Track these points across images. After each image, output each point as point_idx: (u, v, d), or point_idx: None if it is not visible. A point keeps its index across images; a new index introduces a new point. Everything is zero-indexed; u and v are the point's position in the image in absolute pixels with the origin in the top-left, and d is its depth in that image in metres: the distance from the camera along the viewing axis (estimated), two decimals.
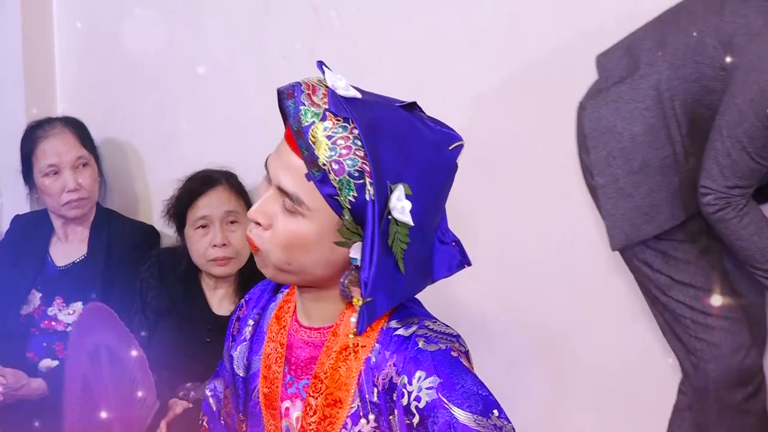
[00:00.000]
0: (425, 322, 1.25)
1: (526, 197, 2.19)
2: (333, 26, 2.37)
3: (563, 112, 2.06)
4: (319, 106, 1.16)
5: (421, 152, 1.19)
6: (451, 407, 1.16)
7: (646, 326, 2.05)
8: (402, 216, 1.16)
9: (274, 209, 1.21)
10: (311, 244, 1.19)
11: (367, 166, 1.14)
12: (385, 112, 1.20)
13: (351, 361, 1.24)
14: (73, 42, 2.93)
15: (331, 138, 1.15)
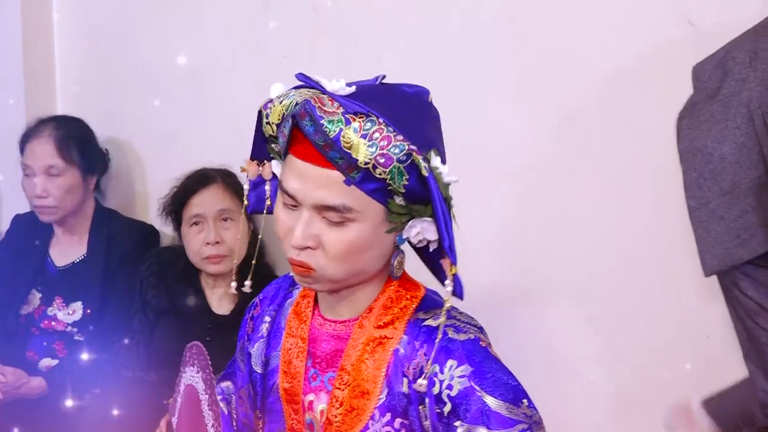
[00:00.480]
0: (452, 312, 1.28)
1: (500, 202, 2.19)
2: (333, 26, 2.37)
3: (566, 114, 2.07)
4: (335, 113, 1.17)
5: (423, 113, 1.23)
6: (483, 395, 1.19)
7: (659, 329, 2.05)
8: (450, 177, 1.21)
9: (317, 228, 1.21)
10: (368, 243, 1.21)
11: (413, 146, 1.16)
12: (384, 94, 1.22)
13: (378, 353, 1.26)
14: (74, 42, 2.93)
15: (366, 136, 1.16)
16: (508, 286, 2.21)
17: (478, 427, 1.18)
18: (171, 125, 2.73)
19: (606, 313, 2.10)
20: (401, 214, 1.21)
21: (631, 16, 1.99)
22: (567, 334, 2.15)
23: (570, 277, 2.12)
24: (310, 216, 1.21)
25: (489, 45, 2.16)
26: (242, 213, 2.33)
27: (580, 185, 2.09)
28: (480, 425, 1.18)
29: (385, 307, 1.28)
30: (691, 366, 2.01)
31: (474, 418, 1.18)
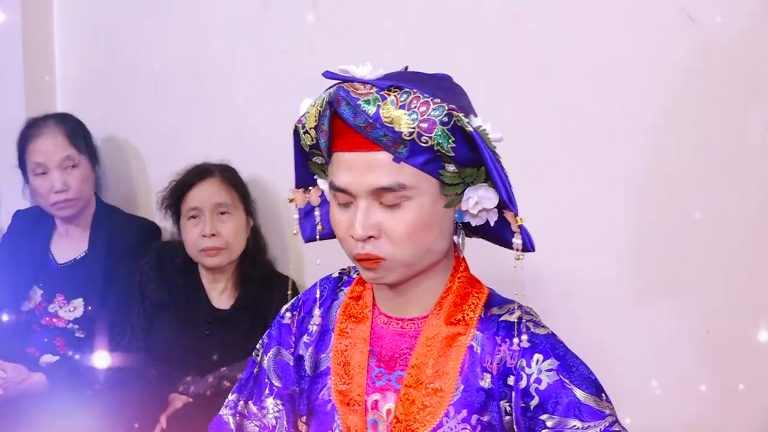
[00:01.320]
0: (524, 308, 1.30)
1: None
2: (333, 22, 2.37)
3: (567, 114, 2.07)
4: (370, 92, 1.18)
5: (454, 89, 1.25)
6: (573, 387, 1.21)
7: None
8: (495, 134, 1.22)
9: (375, 216, 1.21)
10: (429, 219, 1.21)
11: (452, 105, 1.17)
12: (413, 74, 1.25)
13: (453, 350, 1.26)
14: (74, 39, 2.93)
15: (404, 106, 1.17)
16: (508, 283, 2.21)
17: (570, 420, 1.20)
18: (171, 122, 2.73)
19: (608, 313, 2.10)
20: (455, 185, 1.21)
21: (631, 13, 1.99)
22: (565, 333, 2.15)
23: (569, 274, 2.13)
24: (367, 205, 1.20)
25: (489, 43, 2.16)
26: (241, 206, 2.37)
27: (581, 184, 2.09)
28: (572, 417, 1.20)
29: (455, 304, 1.29)
30: (692, 362, 2.01)
31: (566, 410, 1.20)
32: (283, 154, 2.49)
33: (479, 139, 1.18)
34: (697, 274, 1.98)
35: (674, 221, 1.99)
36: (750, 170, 1.90)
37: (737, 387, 1.96)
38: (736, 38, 1.88)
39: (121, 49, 2.81)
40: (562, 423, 1.20)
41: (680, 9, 1.93)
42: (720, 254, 1.95)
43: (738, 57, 1.88)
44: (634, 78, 2.00)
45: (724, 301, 1.96)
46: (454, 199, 1.22)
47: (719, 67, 1.90)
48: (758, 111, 1.87)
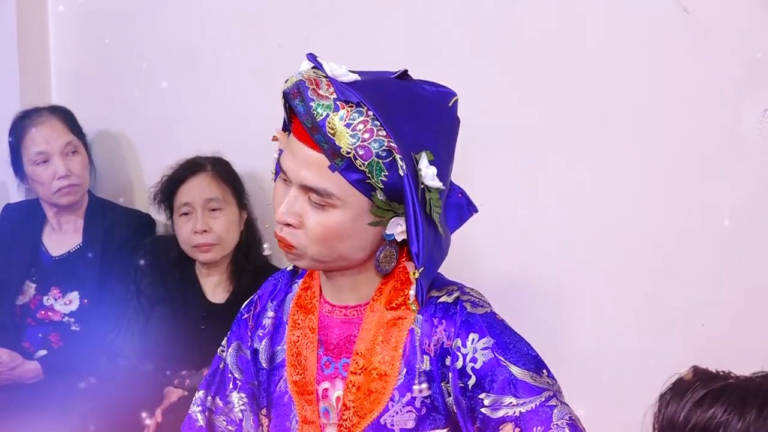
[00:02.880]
0: (464, 288, 1.30)
1: (510, 189, 2.18)
2: (330, 14, 2.36)
3: (564, 104, 2.06)
4: (327, 97, 1.17)
5: (430, 115, 1.22)
6: (508, 365, 1.21)
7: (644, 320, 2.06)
8: (434, 182, 1.18)
9: (301, 207, 1.21)
10: (347, 231, 1.21)
11: (393, 144, 1.15)
12: (389, 87, 1.21)
13: (393, 334, 1.26)
14: (68, 31, 2.91)
15: (350, 125, 1.15)
16: (508, 279, 2.21)
17: (505, 397, 1.20)
18: (167, 114, 2.72)
19: (604, 309, 2.10)
20: (384, 210, 1.20)
21: (627, 5, 1.99)
22: (562, 330, 2.16)
23: (571, 270, 2.12)
24: (296, 195, 1.22)
25: (487, 35, 2.15)
26: (234, 200, 2.36)
27: (575, 176, 2.09)
28: (508, 395, 1.20)
29: (395, 288, 1.28)
30: (689, 354, 2.01)
31: (501, 388, 1.20)
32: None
33: (408, 185, 1.16)
34: (693, 266, 1.98)
35: (670, 212, 1.99)
36: (746, 160, 1.90)
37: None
38: (731, 29, 1.88)
39: (117, 41, 2.80)
40: (498, 401, 1.20)
41: (675, 1, 1.92)
42: (716, 245, 1.95)
43: (733, 48, 1.88)
44: (630, 70, 2.00)
45: (721, 294, 1.96)
46: (381, 221, 1.21)
47: (714, 57, 1.90)
48: (754, 101, 1.87)
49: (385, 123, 1.15)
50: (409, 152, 1.17)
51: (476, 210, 1.33)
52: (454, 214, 1.30)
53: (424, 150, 1.18)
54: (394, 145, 1.15)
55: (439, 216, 1.21)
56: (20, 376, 2.39)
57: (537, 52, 2.09)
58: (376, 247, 1.25)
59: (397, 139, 1.15)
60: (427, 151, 1.19)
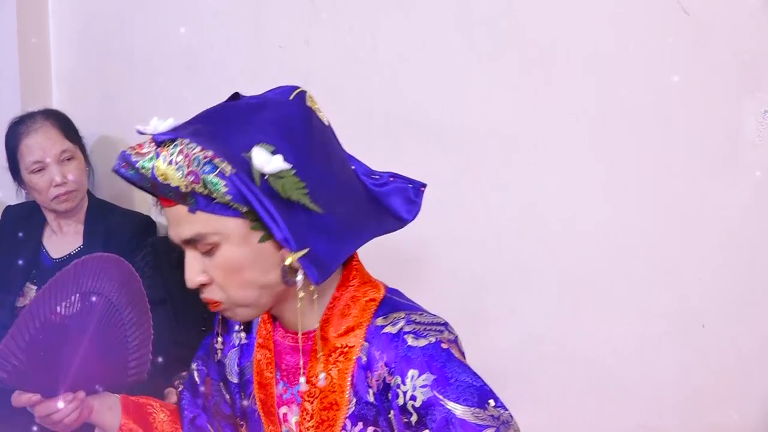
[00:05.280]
0: (411, 315, 1.23)
1: (503, 193, 2.19)
2: (328, 15, 2.37)
3: (563, 104, 2.06)
4: (150, 151, 1.15)
5: (263, 116, 1.18)
6: (446, 403, 1.16)
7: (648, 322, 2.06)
8: (274, 166, 1.12)
9: (200, 263, 1.20)
10: (245, 260, 1.18)
11: (209, 152, 1.11)
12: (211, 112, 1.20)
13: (341, 363, 1.23)
14: (69, 35, 2.92)
15: (171, 161, 1.13)
16: (506, 277, 2.22)
17: None
18: (167, 115, 2.70)
19: (604, 307, 2.10)
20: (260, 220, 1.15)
21: (626, 6, 1.99)
22: (562, 331, 2.16)
23: (571, 271, 2.13)
24: (190, 255, 1.20)
25: (485, 34, 2.16)
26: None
27: (574, 176, 2.09)
28: None
29: (342, 314, 1.25)
30: (688, 356, 2.01)
31: (439, 428, 1.16)
32: None
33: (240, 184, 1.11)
34: (692, 267, 1.99)
35: (670, 213, 1.99)
36: (745, 162, 1.90)
37: (732, 381, 1.97)
38: (731, 31, 1.88)
39: (117, 43, 2.81)
40: None
41: (675, 1, 1.93)
42: (715, 247, 1.96)
43: (732, 49, 1.89)
44: (630, 70, 2.00)
45: (720, 295, 1.96)
46: (265, 233, 1.17)
47: (714, 58, 1.90)
48: (753, 102, 1.87)
49: (197, 138, 1.13)
50: (239, 154, 1.13)
51: (423, 184, 1.30)
52: (399, 199, 1.28)
53: (255, 146, 1.14)
54: (211, 153, 1.11)
55: (306, 195, 1.14)
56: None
57: (536, 52, 2.09)
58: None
59: (213, 145, 1.12)
60: (261, 144, 1.14)
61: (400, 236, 2.33)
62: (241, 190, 1.11)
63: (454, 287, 2.27)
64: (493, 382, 2.29)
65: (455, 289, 2.27)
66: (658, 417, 2.05)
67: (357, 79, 2.33)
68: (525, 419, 2.16)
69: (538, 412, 2.18)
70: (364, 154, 2.34)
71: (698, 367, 2.00)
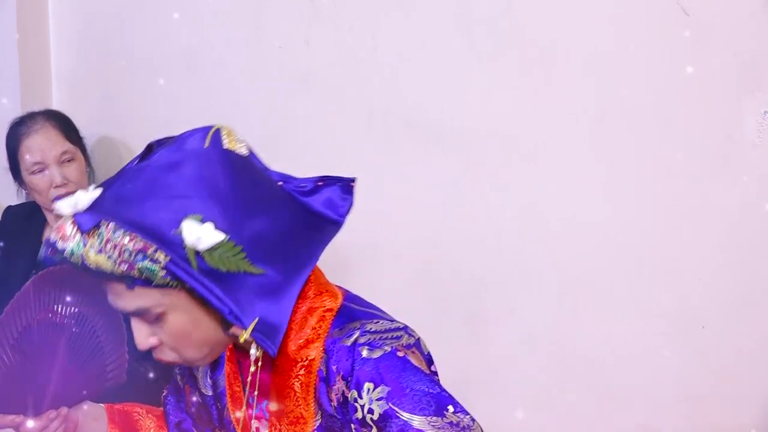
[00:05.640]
0: (367, 325, 1.21)
1: (509, 192, 2.18)
2: (328, 15, 2.37)
3: (563, 105, 2.06)
4: (74, 236, 1.10)
5: (179, 177, 1.13)
6: (402, 414, 1.14)
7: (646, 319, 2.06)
8: (207, 242, 1.10)
9: (147, 329, 1.18)
10: (193, 324, 1.16)
11: (139, 242, 1.08)
12: (126, 184, 1.14)
13: (303, 377, 1.22)
14: (69, 35, 2.92)
15: (101, 250, 1.09)
16: (506, 277, 2.22)
17: None
18: (167, 116, 2.72)
19: (604, 307, 2.10)
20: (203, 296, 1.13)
21: (626, 6, 1.99)
22: (562, 332, 2.16)
23: (571, 271, 2.12)
24: (136, 323, 1.18)
25: (485, 34, 2.16)
26: None
27: (573, 177, 2.09)
28: None
29: (300, 327, 1.23)
30: (688, 356, 2.01)
31: None
32: (280, 148, 2.50)
33: (178, 271, 1.09)
34: (692, 267, 1.99)
35: (670, 213, 1.99)
36: (745, 162, 1.90)
37: (732, 381, 1.97)
38: (731, 31, 1.88)
39: (117, 44, 2.81)
40: None
41: (675, 2, 1.93)
42: (715, 247, 1.96)
43: (732, 49, 1.88)
44: (629, 71, 2.00)
45: (720, 295, 1.96)
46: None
47: (714, 60, 1.90)
48: (754, 103, 1.87)
49: (128, 226, 1.09)
50: (169, 233, 1.09)
51: (352, 180, 1.26)
52: (330, 203, 1.24)
53: (184, 219, 1.10)
54: (141, 243, 1.08)
55: (246, 261, 1.12)
56: None
57: (536, 52, 2.09)
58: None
59: (147, 234, 1.08)
60: (189, 217, 1.10)
61: (400, 236, 2.33)
62: (178, 275, 1.09)
63: (455, 287, 2.27)
64: (493, 381, 2.31)
65: (455, 289, 2.27)
66: (658, 417, 2.05)
67: (357, 79, 2.33)
68: (525, 419, 2.18)
69: (538, 412, 2.18)
70: (364, 154, 2.35)
71: (698, 368, 2.00)
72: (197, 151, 1.16)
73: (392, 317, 1.26)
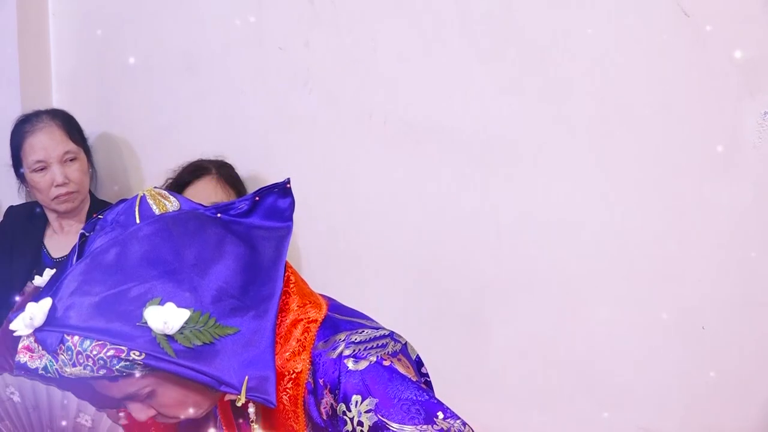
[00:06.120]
0: (351, 336, 1.21)
1: (510, 195, 2.18)
2: (328, 16, 2.37)
3: (563, 105, 2.06)
4: (43, 355, 1.09)
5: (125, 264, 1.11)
6: (392, 425, 1.14)
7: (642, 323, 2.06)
8: (174, 324, 1.08)
9: (141, 406, 1.17)
10: (184, 393, 1.16)
11: (110, 350, 1.07)
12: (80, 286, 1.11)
13: (291, 389, 1.21)
14: (69, 35, 2.92)
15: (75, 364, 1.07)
16: (506, 279, 2.22)
17: None
18: (167, 117, 2.73)
19: (604, 309, 2.10)
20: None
21: (627, 8, 1.99)
22: (562, 332, 2.16)
23: (571, 271, 2.12)
24: (130, 403, 1.18)
25: (485, 36, 2.15)
26: None
27: (574, 177, 2.09)
28: None
29: (285, 339, 1.22)
30: (688, 357, 2.01)
31: None
32: (280, 150, 2.51)
33: (153, 362, 1.07)
34: (693, 268, 1.99)
35: (669, 214, 1.99)
36: (745, 163, 1.90)
37: (733, 382, 1.97)
38: (731, 32, 1.88)
39: (117, 44, 2.81)
40: None
41: (675, 3, 1.92)
42: (715, 247, 1.96)
43: (732, 50, 1.88)
44: (629, 72, 1.99)
45: (720, 295, 1.96)
46: None
47: (714, 60, 1.90)
48: (754, 104, 1.87)
49: (92, 334, 1.07)
50: (135, 328, 1.07)
51: (287, 181, 1.25)
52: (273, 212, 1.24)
53: (144, 308, 1.08)
54: (112, 350, 1.07)
55: (218, 326, 1.11)
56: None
57: (536, 54, 2.09)
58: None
59: (113, 338, 1.07)
60: (149, 305, 1.08)
61: (399, 238, 2.34)
62: (158, 367, 1.08)
63: (454, 289, 2.27)
64: (493, 383, 2.30)
65: (455, 292, 2.27)
66: (658, 418, 2.05)
67: (357, 80, 2.33)
68: (524, 420, 2.18)
69: (538, 414, 2.18)
70: (364, 155, 2.36)
71: (698, 368, 2.00)
72: (132, 231, 1.14)
73: (377, 324, 1.26)
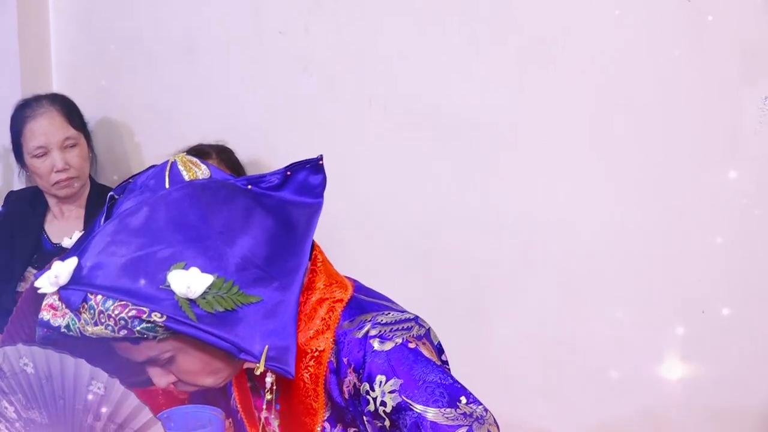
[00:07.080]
0: (378, 317, 1.21)
1: (505, 187, 2.18)
2: (328, 2, 2.36)
3: (562, 97, 2.06)
4: (66, 314, 1.10)
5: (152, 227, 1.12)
6: (415, 407, 1.15)
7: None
8: (197, 288, 1.09)
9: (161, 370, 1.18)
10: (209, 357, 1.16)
11: (131, 309, 1.08)
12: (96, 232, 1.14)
13: (313, 368, 1.22)
14: (68, 20, 2.91)
15: (97, 323, 1.08)
16: (507, 271, 2.22)
17: None
18: (166, 102, 2.72)
19: (605, 301, 2.11)
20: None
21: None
22: (564, 323, 2.16)
23: (572, 260, 2.13)
24: (151, 367, 1.18)
25: (486, 24, 2.15)
26: None
27: (574, 170, 2.09)
28: None
29: (309, 318, 1.22)
30: (690, 349, 2.01)
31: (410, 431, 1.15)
32: (279, 135, 2.51)
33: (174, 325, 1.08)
34: (695, 257, 1.99)
35: (670, 201, 1.99)
36: (746, 151, 1.90)
37: (734, 381, 1.97)
38: (732, 19, 1.88)
39: (117, 29, 2.80)
40: None
41: None
42: (717, 234, 1.96)
43: (733, 36, 1.88)
44: (629, 60, 1.99)
45: (721, 295, 1.96)
46: None
47: (715, 48, 1.90)
48: (754, 92, 1.87)
49: (115, 293, 1.08)
50: (158, 290, 1.08)
51: (319, 157, 1.24)
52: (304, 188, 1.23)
53: (168, 272, 1.09)
54: (134, 310, 1.07)
55: (241, 294, 1.12)
56: None
57: (535, 44, 2.09)
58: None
59: (136, 298, 1.08)
60: (173, 268, 1.09)
61: (399, 225, 2.33)
62: (179, 330, 1.09)
63: (455, 281, 2.27)
64: (494, 376, 2.31)
65: (455, 281, 2.27)
66: (660, 410, 2.06)
67: (356, 66, 2.33)
68: (526, 412, 2.19)
69: (540, 405, 2.18)
70: (364, 141, 2.35)
71: (700, 360, 2.00)
72: (161, 195, 1.15)
73: (402, 308, 1.26)
